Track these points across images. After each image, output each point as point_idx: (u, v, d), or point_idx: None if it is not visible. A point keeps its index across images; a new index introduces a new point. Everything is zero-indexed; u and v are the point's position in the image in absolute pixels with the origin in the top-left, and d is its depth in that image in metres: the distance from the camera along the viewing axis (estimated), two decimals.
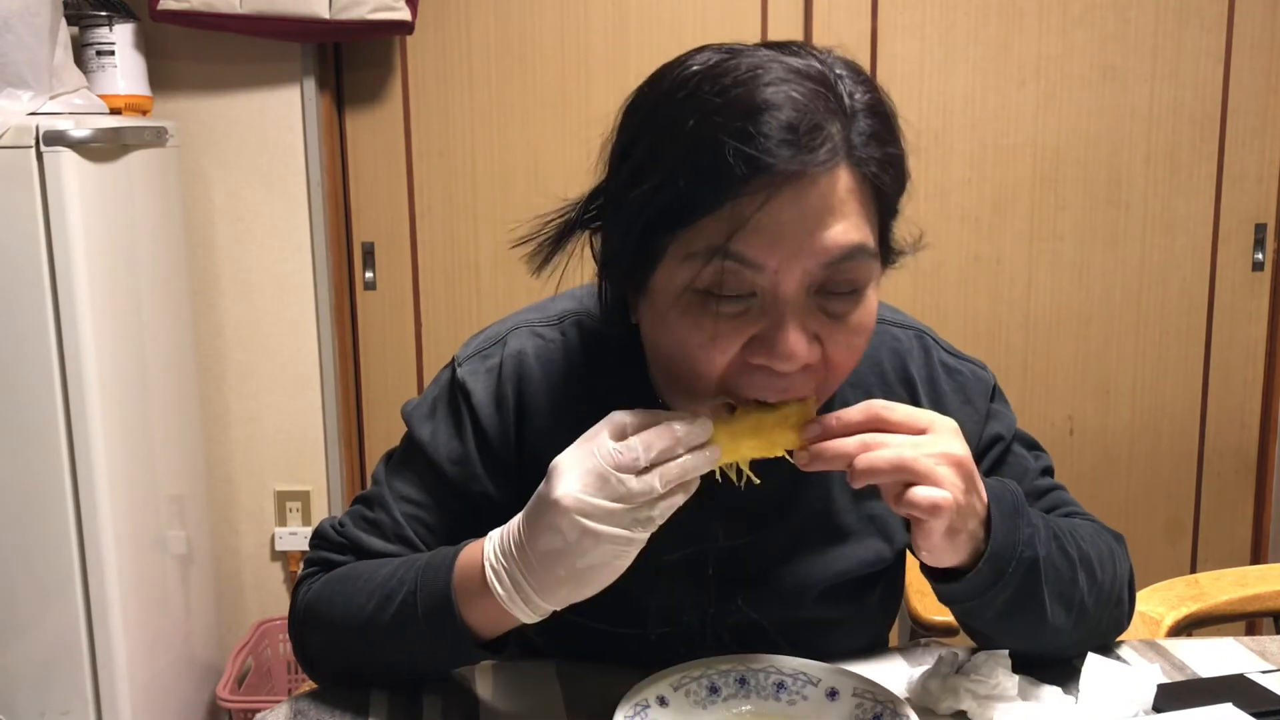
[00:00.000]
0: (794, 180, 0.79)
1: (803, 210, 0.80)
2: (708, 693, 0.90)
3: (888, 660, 1.03)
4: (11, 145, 1.77)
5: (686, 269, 0.82)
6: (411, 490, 1.01)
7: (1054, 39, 2.49)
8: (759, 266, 0.81)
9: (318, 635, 0.99)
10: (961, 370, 1.05)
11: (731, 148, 0.78)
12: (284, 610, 2.53)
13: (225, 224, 2.41)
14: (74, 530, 1.87)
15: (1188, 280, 2.61)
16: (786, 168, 0.79)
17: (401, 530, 0.99)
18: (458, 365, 1.02)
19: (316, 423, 2.47)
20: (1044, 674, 0.94)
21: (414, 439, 1.02)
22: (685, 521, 0.86)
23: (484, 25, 2.44)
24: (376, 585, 0.93)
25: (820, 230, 0.81)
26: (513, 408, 0.99)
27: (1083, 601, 0.95)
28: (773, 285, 0.81)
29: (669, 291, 0.84)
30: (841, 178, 0.81)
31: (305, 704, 0.95)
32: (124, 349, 1.97)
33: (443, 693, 0.96)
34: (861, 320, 0.85)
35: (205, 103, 2.36)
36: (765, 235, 0.80)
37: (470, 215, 2.48)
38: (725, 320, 0.82)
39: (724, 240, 0.80)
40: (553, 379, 1.00)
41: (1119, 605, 1.03)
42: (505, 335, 1.02)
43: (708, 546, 1.01)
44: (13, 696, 1.90)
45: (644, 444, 0.80)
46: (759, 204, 0.79)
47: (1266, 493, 2.69)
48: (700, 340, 0.83)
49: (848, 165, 0.82)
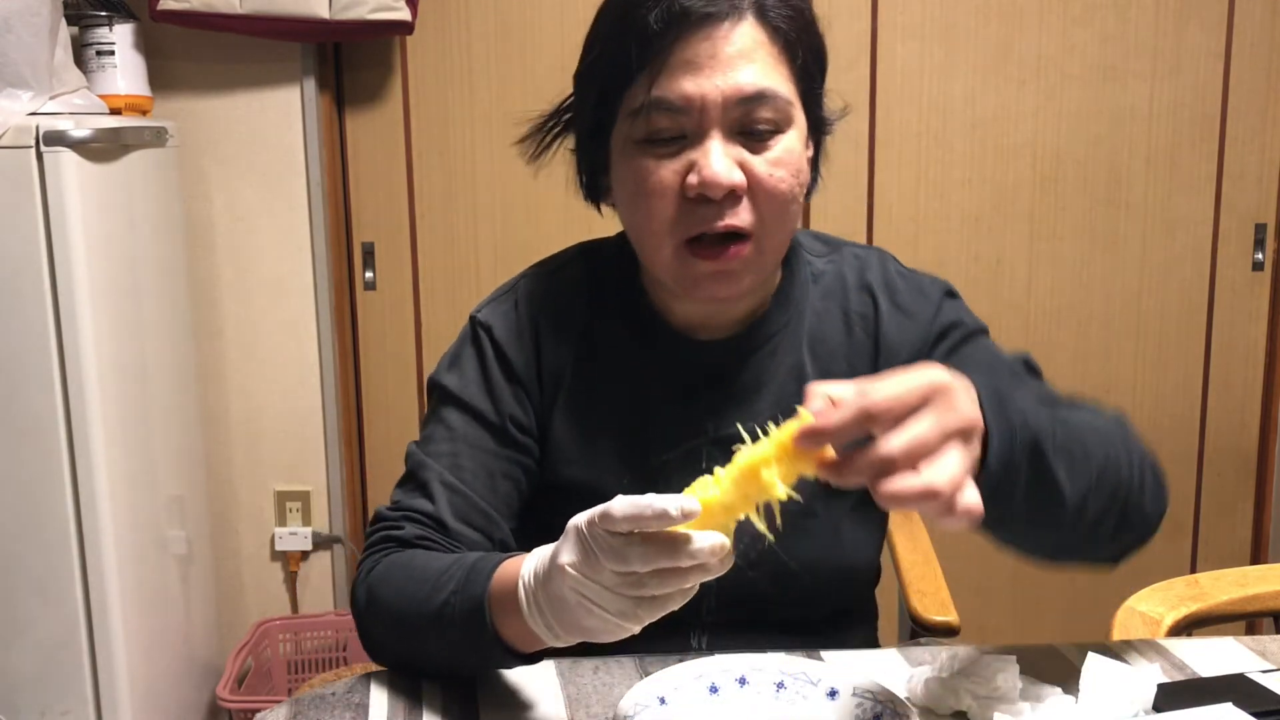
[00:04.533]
0: (704, 24, 0.95)
1: (714, 52, 0.95)
2: (708, 693, 0.90)
3: (888, 660, 1.03)
4: (11, 145, 1.77)
5: (627, 125, 0.98)
6: (444, 444, 1.07)
7: (1054, 39, 2.49)
8: (680, 108, 0.95)
9: (378, 622, 1.00)
10: (919, 276, 1.14)
11: (650, 7, 0.94)
12: (284, 610, 2.54)
13: (225, 224, 2.41)
14: (74, 530, 1.87)
15: (1188, 280, 2.61)
16: (697, 14, 0.94)
17: (445, 478, 1.05)
18: (475, 314, 1.12)
19: (316, 423, 2.47)
20: (1044, 674, 0.94)
21: (443, 391, 1.10)
22: (676, 420, 1.06)
23: (484, 25, 2.44)
24: (429, 578, 0.95)
25: (731, 70, 0.95)
26: (530, 335, 1.09)
27: (1103, 470, 0.91)
28: (697, 123, 0.96)
29: (620, 152, 1.00)
30: (749, 28, 0.96)
31: (305, 704, 0.95)
32: (124, 349, 1.97)
33: (443, 692, 0.97)
34: (781, 156, 0.97)
35: (205, 103, 2.36)
36: (681, 75, 0.95)
37: (470, 215, 2.48)
38: (664, 161, 0.97)
39: (649, 90, 0.95)
40: (561, 304, 1.11)
41: (1143, 472, 0.96)
42: (516, 281, 1.14)
43: (700, 442, 1.07)
44: (13, 696, 1.90)
45: (642, 555, 0.76)
46: (675, 50, 0.94)
47: (1266, 493, 2.69)
48: (644, 181, 0.97)
49: (755, 18, 0.96)
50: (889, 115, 2.50)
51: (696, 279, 1.00)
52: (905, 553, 1.58)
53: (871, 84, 2.49)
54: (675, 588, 0.77)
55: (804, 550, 1.07)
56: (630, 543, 0.76)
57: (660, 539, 0.75)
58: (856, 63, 2.48)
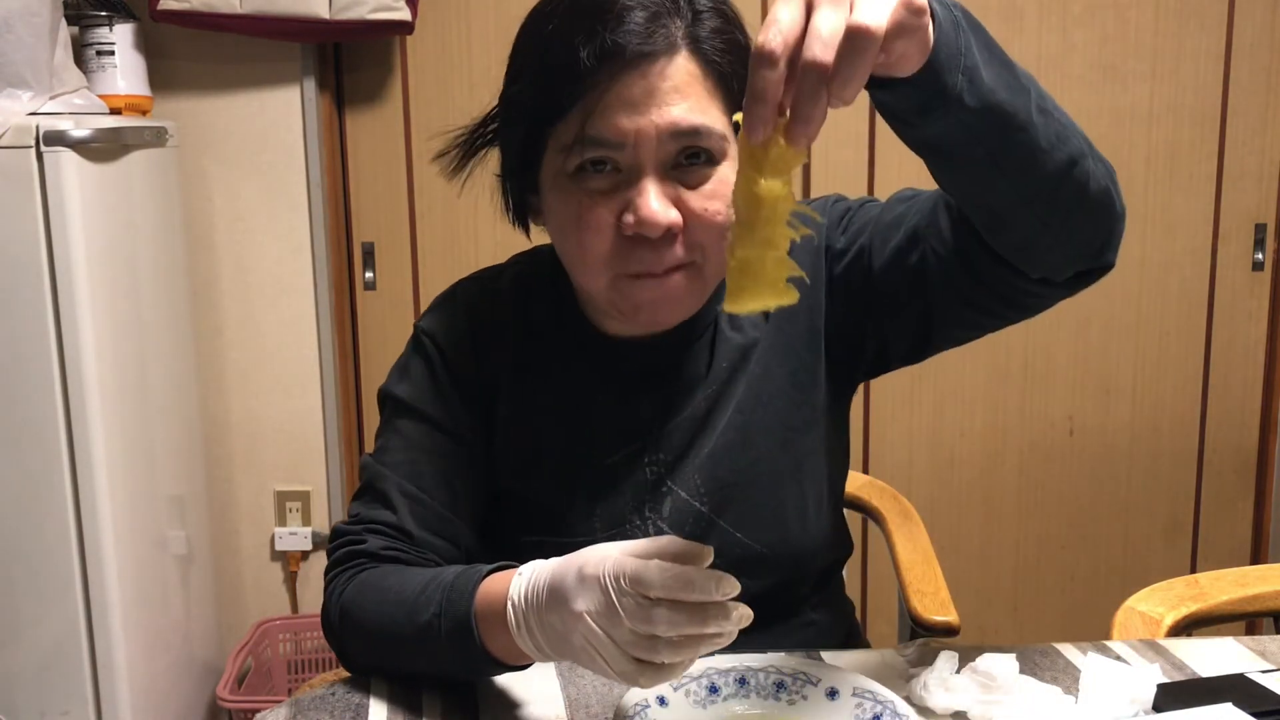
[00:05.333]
0: (638, 63, 0.92)
1: (648, 89, 0.92)
2: (708, 693, 0.90)
3: (888, 660, 1.03)
4: (11, 145, 1.77)
5: (559, 159, 0.96)
6: (400, 453, 1.07)
7: (1054, 39, 2.49)
8: (615, 144, 0.93)
9: (355, 640, 1.01)
10: (813, 205, 1.11)
11: (583, 42, 0.91)
12: (284, 610, 2.54)
13: (225, 224, 2.41)
14: (74, 530, 1.87)
15: (1188, 280, 2.61)
16: (632, 51, 0.91)
17: (404, 487, 1.04)
18: (419, 324, 1.13)
19: (316, 423, 2.47)
20: (1044, 674, 0.94)
21: (395, 402, 1.09)
22: (617, 423, 1.06)
23: (484, 25, 2.44)
24: (407, 599, 0.95)
25: (665, 106, 0.92)
26: (469, 340, 1.09)
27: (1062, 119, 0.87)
28: (631, 159, 0.94)
29: (551, 184, 0.98)
30: (683, 63, 0.94)
31: (305, 704, 0.95)
32: (124, 349, 1.97)
33: (442, 692, 0.96)
34: (715, 189, 0.95)
35: (205, 103, 2.36)
36: (616, 113, 0.92)
37: (470, 215, 2.48)
38: (597, 196, 0.95)
39: (582, 127, 0.93)
40: (496, 314, 1.10)
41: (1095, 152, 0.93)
42: (454, 290, 1.15)
43: (642, 443, 1.07)
44: (13, 696, 1.90)
45: (669, 620, 0.75)
46: (608, 87, 0.92)
47: (1266, 493, 2.69)
48: (579, 218, 0.95)
49: (689, 52, 0.94)
50: None
51: (637, 306, 0.99)
52: (905, 553, 1.58)
53: None
54: (689, 655, 0.77)
55: (761, 532, 1.07)
56: (658, 606, 0.75)
57: (689, 605, 0.75)
58: None
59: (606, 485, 1.07)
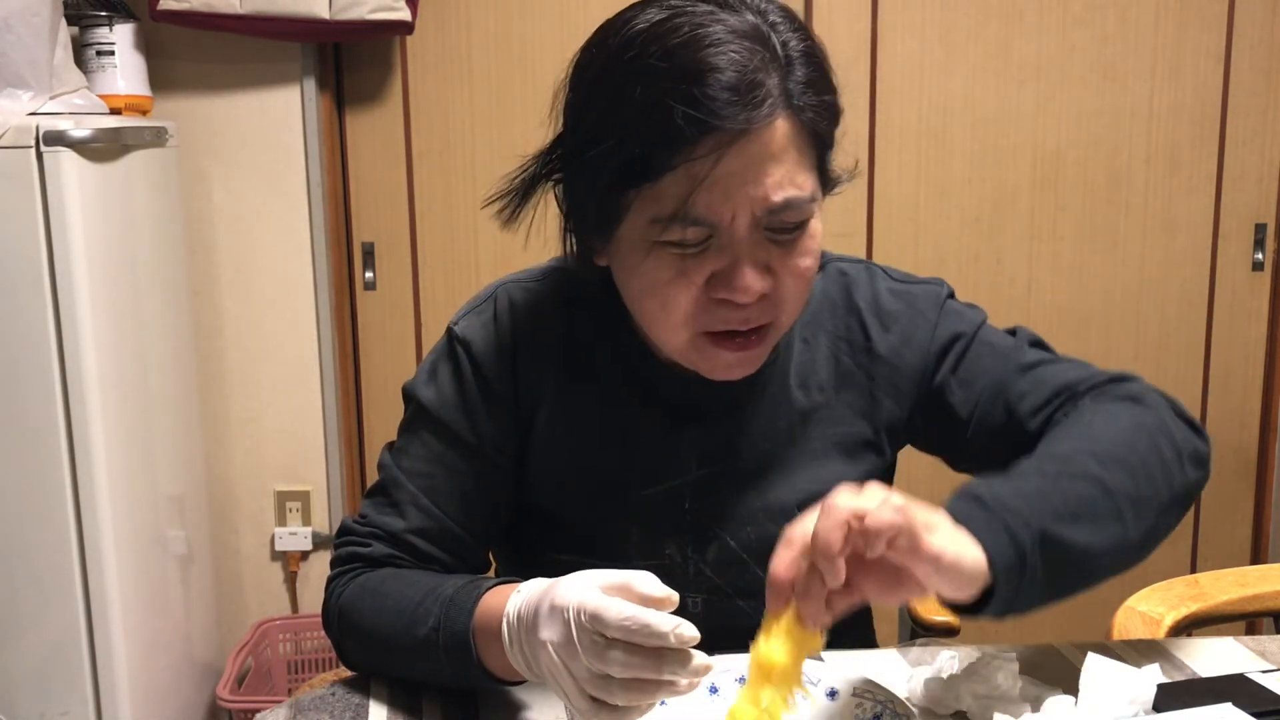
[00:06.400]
0: (740, 137, 0.87)
1: (747, 162, 0.89)
2: (708, 693, 0.90)
3: (888, 660, 1.03)
4: (11, 145, 1.77)
5: (651, 226, 0.91)
6: (420, 463, 1.05)
7: (1054, 39, 2.49)
8: (715, 223, 0.90)
9: (352, 641, 1.01)
10: (910, 289, 1.10)
11: (681, 112, 0.86)
12: (284, 610, 2.54)
13: (225, 224, 2.41)
14: (74, 530, 1.86)
15: (1188, 280, 2.61)
16: (733, 126, 0.86)
17: (419, 500, 1.03)
18: (453, 326, 1.08)
19: (316, 423, 2.47)
20: (1044, 674, 0.94)
21: (419, 406, 1.07)
22: (659, 454, 1.02)
23: (484, 25, 2.44)
24: (405, 609, 0.95)
25: (764, 178, 0.89)
26: (510, 353, 1.05)
27: (1136, 499, 0.90)
28: (728, 228, 0.90)
29: (635, 242, 0.93)
30: (780, 127, 0.90)
31: (305, 704, 0.95)
32: (124, 349, 1.96)
33: (443, 692, 0.96)
34: (807, 246, 0.95)
35: (205, 103, 2.36)
36: (717, 191, 0.88)
37: (470, 215, 2.48)
38: (689, 261, 0.91)
39: (683, 203, 0.88)
40: (539, 322, 1.06)
41: (1178, 458, 0.96)
42: (494, 292, 1.09)
43: (683, 481, 1.05)
44: (13, 696, 1.90)
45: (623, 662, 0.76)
46: (711, 163, 0.87)
47: (1266, 493, 2.69)
48: (668, 282, 0.92)
49: (786, 114, 0.90)
50: (889, 115, 2.50)
51: (714, 366, 0.97)
52: None
53: (871, 84, 2.49)
54: (642, 700, 0.77)
55: None
56: (613, 646, 0.76)
57: (645, 649, 0.75)
58: (856, 63, 2.47)
59: (644, 516, 1.05)
